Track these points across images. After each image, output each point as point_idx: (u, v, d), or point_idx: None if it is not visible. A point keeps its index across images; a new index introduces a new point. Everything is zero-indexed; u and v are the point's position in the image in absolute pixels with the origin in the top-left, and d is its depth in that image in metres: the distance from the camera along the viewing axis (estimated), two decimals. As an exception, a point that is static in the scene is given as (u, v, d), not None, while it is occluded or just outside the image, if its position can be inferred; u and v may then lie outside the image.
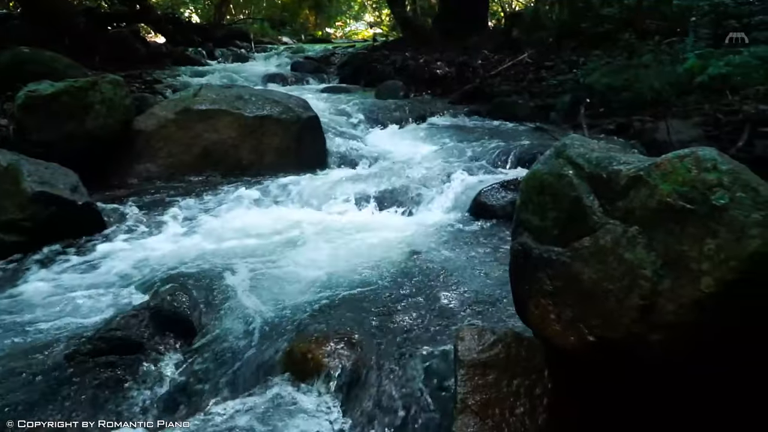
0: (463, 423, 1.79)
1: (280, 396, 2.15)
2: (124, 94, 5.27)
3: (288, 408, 2.09)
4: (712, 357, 1.62)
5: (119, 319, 2.55)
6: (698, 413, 1.75)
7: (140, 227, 3.94)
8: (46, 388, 2.26)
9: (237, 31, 18.65)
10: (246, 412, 2.08)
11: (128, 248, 3.59)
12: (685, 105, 5.94)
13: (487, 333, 2.01)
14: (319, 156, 5.63)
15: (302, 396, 2.15)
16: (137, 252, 3.52)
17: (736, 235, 1.46)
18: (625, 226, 1.68)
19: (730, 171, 1.52)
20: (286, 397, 2.14)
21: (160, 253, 3.48)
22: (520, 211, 2.04)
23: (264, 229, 3.74)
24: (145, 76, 9.43)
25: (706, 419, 1.75)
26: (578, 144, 1.95)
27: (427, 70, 10.02)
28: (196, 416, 2.11)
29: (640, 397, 1.79)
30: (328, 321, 2.58)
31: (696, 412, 1.75)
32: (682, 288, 1.52)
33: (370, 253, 3.36)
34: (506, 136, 6.05)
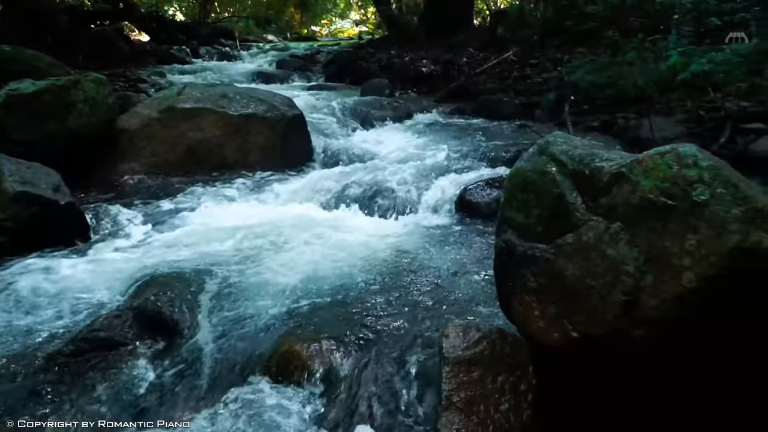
0: (448, 420, 1.79)
1: (262, 397, 2.13)
2: (107, 92, 5.21)
3: (271, 409, 2.07)
4: (695, 353, 1.64)
5: (102, 319, 2.52)
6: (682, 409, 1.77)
7: (124, 227, 3.90)
8: (28, 389, 2.23)
9: (222, 30, 18.55)
10: (228, 412, 2.06)
11: (111, 248, 3.55)
12: (668, 102, 5.98)
13: (471, 330, 2.01)
14: (304, 154, 5.62)
15: (285, 397, 2.14)
16: (121, 252, 3.49)
17: (716, 231, 1.47)
18: (607, 223, 1.69)
19: (711, 167, 1.54)
20: (268, 397, 2.13)
21: (144, 253, 3.45)
22: (504, 208, 2.05)
23: (248, 228, 3.71)
24: (129, 75, 9.36)
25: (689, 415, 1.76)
26: (561, 141, 1.96)
27: (412, 68, 10.04)
28: (179, 417, 2.10)
29: (624, 394, 1.80)
30: (311, 321, 2.57)
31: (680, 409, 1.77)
32: (664, 283, 1.54)
33: (354, 252, 3.35)
34: (491, 134, 6.07)
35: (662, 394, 1.76)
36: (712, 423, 1.74)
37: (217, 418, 2.04)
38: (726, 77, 5.49)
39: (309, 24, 29.68)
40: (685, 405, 1.76)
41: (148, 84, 8.81)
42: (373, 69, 10.45)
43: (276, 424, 2.00)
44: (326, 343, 2.35)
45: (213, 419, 2.04)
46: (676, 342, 1.59)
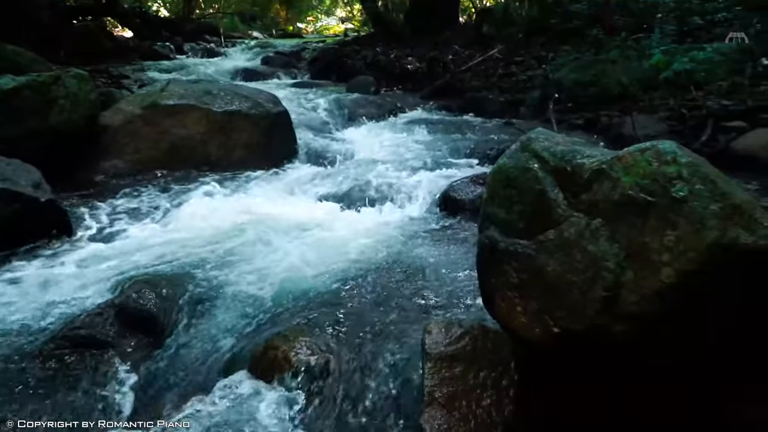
0: (430, 416, 1.79)
1: (245, 394, 2.13)
2: (89, 88, 5.16)
3: (254, 406, 2.07)
4: (674, 348, 1.65)
5: (83, 317, 2.51)
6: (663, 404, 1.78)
7: (106, 225, 3.87)
8: (6, 388, 2.20)
9: (206, 26, 18.44)
10: (210, 410, 2.05)
11: (94, 246, 3.52)
12: (651, 100, 6.03)
13: (454, 326, 2.02)
14: (289, 152, 5.60)
15: (267, 394, 2.13)
16: (103, 250, 3.46)
17: (695, 227, 1.48)
18: (588, 219, 1.70)
19: (690, 164, 1.55)
20: (251, 395, 2.12)
21: (127, 251, 3.42)
22: (487, 204, 2.05)
23: (232, 225, 3.70)
24: (112, 71, 9.28)
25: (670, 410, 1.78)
26: (543, 138, 1.97)
27: (398, 65, 10.04)
28: (160, 415, 2.09)
29: (606, 389, 1.82)
30: (295, 318, 2.57)
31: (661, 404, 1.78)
32: (644, 279, 1.55)
33: (338, 248, 3.35)
34: (476, 131, 6.09)
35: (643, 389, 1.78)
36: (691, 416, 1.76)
37: (199, 416, 2.02)
38: (708, 76, 5.55)
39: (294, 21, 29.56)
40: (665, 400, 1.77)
41: (131, 80, 8.74)
42: (358, 66, 10.44)
43: (258, 421, 1.99)
44: (309, 340, 2.34)
45: (194, 417, 2.03)
46: (656, 337, 1.61)
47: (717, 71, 5.52)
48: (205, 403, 2.09)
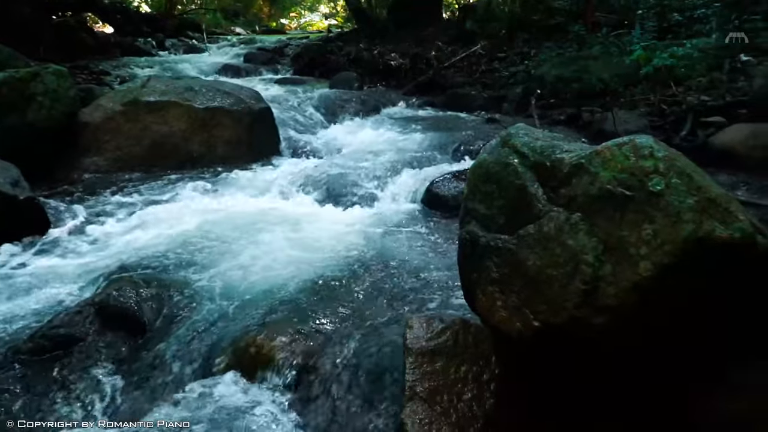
0: (411, 410, 1.80)
1: (227, 390, 2.12)
2: (68, 85, 5.11)
3: (235, 402, 2.06)
4: (653, 339, 1.67)
5: (62, 315, 2.49)
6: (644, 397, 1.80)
7: (87, 223, 3.84)
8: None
9: (189, 22, 18.28)
10: (192, 407, 2.04)
11: (73, 244, 3.50)
12: (632, 96, 6.09)
13: (435, 321, 2.03)
14: (272, 148, 5.58)
15: (249, 390, 2.13)
16: (83, 248, 3.44)
17: (671, 220, 1.50)
18: (567, 213, 1.71)
19: (666, 158, 1.57)
20: (233, 391, 2.12)
21: (107, 249, 3.40)
22: (468, 200, 2.06)
23: (214, 222, 3.68)
24: (92, 67, 9.17)
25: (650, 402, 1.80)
26: (523, 133, 1.98)
27: (381, 61, 10.02)
28: (141, 412, 2.08)
29: (586, 382, 1.83)
30: (278, 313, 2.56)
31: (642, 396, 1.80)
32: (622, 272, 1.56)
33: (322, 245, 3.34)
34: (459, 127, 6.10)
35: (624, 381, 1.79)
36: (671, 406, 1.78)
37: (181, 413, 2.02)
38: (687, 71, 5.60)
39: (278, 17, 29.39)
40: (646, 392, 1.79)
41: (112, 77, 8.65)
42: (341, 62, 10.42)
43: (240, 416, 1.99)
44: (290, 336, 2.34)
45: (176, 414, 2.02)
46: (635, 329, 1.62)
47: (696, 67, 5.58)
48: (186, 400, 2.08)
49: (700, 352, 1.70)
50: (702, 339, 1.66)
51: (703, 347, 1.69)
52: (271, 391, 2.14)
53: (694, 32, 6.62)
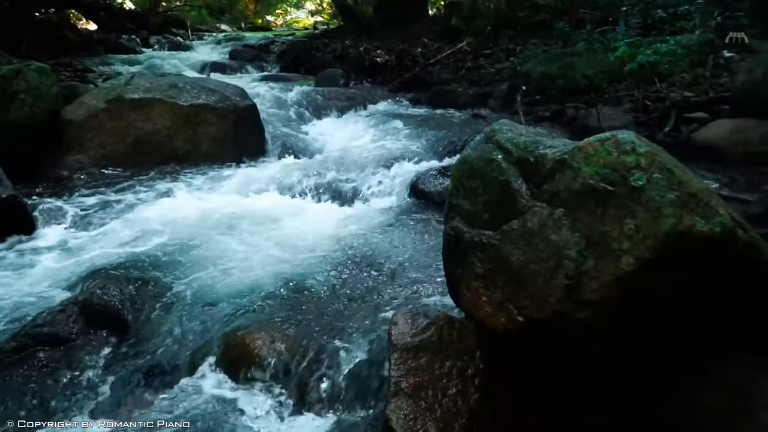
0: (396, 406, 1.80)
1: (211, 388, 2.12)
2: (51, 82, 5.06)
3: (222, 400, 2.06)
4: (636, 334, 1.68)
5: (45, 314, 2.47)
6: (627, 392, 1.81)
7: (70, 221, 3.80)
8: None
9: (174, 19, 18.15)
10: (176, 405, 2.04)
11: (57, 243, 3.46)
12: (616, 92, 6.12)
13: (420, 317, 2.03)
14: (257, 145, 5.55)
15: (236, 387, 2.13)
16: (66, 247, 3.41)
17: (652, 215, 1.51)
18: (551, 209, 1.72)
19: (647, 153, 1.58)
20: (219, 388, 2.12)
21: (91, 247, 3.37)
22: (452, 195, 2.07)
23: (199, 219, 3.67)
24: (76, 65, 9.08)
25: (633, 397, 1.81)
26: (507, 129, 1.98)
27: (367, 58, 10.00)
28: (125, 410, 2.07)
29: (571, 377, 1.84)
30: (261, 311, 2.56)
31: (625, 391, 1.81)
32: (605, 267, 1.57)
33: (307, 242, 3.34)
34: (445, 124, 6.11)
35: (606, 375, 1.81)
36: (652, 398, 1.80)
37: (165, 411, 2.01)
38: (671, 68, 5.63)
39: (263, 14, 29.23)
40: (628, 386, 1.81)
41: (95, 74, 8.57)
42: (327, 59, 10.39)
43: (224, 414, 1.98)
44: (275, 334, 2.34)
45: (160, 412, 2.01)
46: (617, 324, 1.64)
47: (680, 63, 5.61)
48: (170, 398, 2.07)
49: (682, 347, 1.72)
50: (684, 333, 1.68)
51: (685, 342, 1.70)
52: (255, 388, 2.13)
53: (678, 29, 6.66)
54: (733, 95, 4.80)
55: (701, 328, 1.69)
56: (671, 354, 1.72)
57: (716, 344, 1.74)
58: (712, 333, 1.72)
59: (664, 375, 1.75)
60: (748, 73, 4.63)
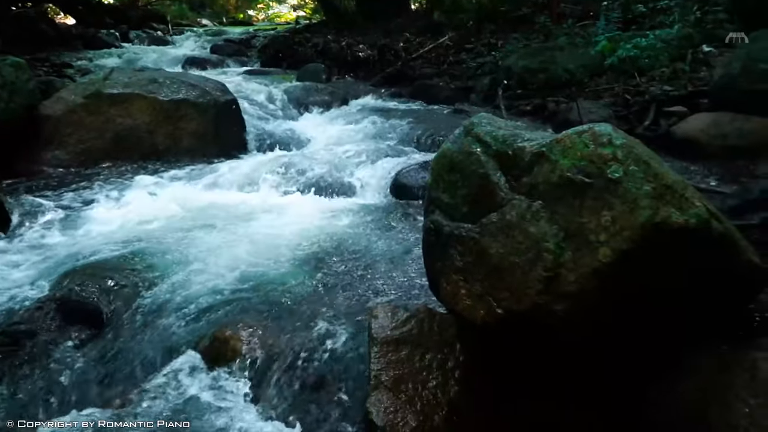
0: (376, 399, 1.81)
1: (191, 383, 2.11)
2: (27, 77, 5.01)
3: (201, 394, 2.05)
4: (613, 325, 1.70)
5: (22, 312, 2.44)
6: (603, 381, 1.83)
7: (47, 217, 3.75)
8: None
9: (153, 13, 17.93)
10: (156, 400, 2.03)
11: (34, 239, 3.42)
12: (596, 86, 6.15)
13: (400, 310, 2.03)
14: (238, 140, 5.52)
15: (214, 382, 2.12)
16: (44, 243, 3.37)
17: (629, 207, 1.53)
18: (529, 201, 1.73)
19: (624, 145, 1.59)
20: (197, 383, 2.11)
21: (69, 243, 3.34)
22: (432, 189, 2.07)
23: (178, 215, 3.64)
24: (54, 60, 8.94)
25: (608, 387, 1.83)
26: (486, 122, 1.99)
27: (349, 52, 9.98)
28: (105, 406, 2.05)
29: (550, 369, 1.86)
30: (242, 306, 2.55)
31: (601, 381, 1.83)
32: (582, 259, 1.59)
33: (288, 236, 3.33)
34: (427, 118, 6.11)
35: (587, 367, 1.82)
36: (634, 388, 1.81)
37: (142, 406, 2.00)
38: (651, 62, 5.68)
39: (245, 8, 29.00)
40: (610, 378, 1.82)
41: (73, 69, 8.45)
42: (309, 54, 10.34)
43: (201, 408, 1.98)
44: (255, 328, 2.33)
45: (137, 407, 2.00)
46: (595, 315, 1.65)
47: (659, 58, 5.66)
48: (149, 394, 2.06)
49: (659, 337, 1.74)
50: (660, 324, 1.69)
51: (661, 332, 1.72)
52: (236, 383, 2.13)
53: (658, 23, 6.71)
54: (711, 89, 4.84)
55: (677, 318, 1.71)
56: (648, 344, 1.74)
57: (692, 334, 1.76)
58: (688, 323, 1.74)
59: (641, 366, 1.77)
60: (725, 67, 4.67)
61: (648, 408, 1.75)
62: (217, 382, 2.12)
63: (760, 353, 1.63)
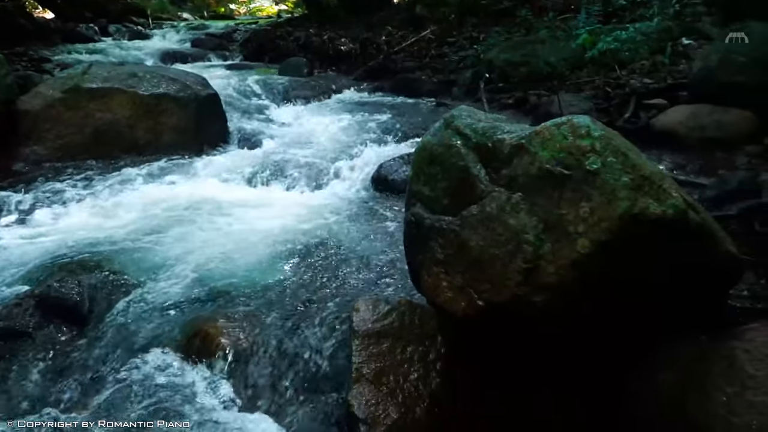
0: (358, 391, 1.81)
1: (173, 377, 2.10)
2: (4, 72, 4.94)
3: (181, 389, 2.04)
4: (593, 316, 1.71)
5: (0, 308, 2.41)
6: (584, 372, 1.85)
7: (26, 213, 3.71)
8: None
9: (133, 7, 17.70)
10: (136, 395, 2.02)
11: (12, 235, 3.38)
12: (577, 79, 6.18)
13: (381, 303, 2.04)
14: (220, 135, 5.48)
15: (196, 376, 2.12)
16: (22, 239, 3.33)
17: (607, 198, 1.54)
18: (509, 193, 1.73)
19: (602, 137, 1.60)
20: (179, 378, 2.10)
21: (48, 240, 3.30)
22: (413, 182, 2.07)
23: (160, 210, 3.61)
24: (32, 54, 8.83)
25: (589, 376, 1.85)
26: (466, 114, 1.99)
27: (331, 46, 9.94)
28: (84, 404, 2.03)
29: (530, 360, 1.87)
30: (224, 300, 2.54)
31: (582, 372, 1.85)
32: (561, 250, 1.60)
33: (270, 231, 3.31)
34: (409, 112, 6.11)
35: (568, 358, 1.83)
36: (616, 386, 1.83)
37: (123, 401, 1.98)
38: (631, 55, 5.71)
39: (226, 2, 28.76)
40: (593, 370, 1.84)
41: (52, 64, 8.35)
42: (291, 48, 10.28)
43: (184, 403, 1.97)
44: (237, 322, 2.33)
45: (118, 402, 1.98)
46: (574, 306, 1.66)
47: (639, 50, 5.69)
48: (129, 389, 2.04)
49: (638, 327, 1.75)
50: (639, 313, 1.71)
51: (640, 321, 1.74)
52: (218, 378, 2.12)
53: (638, 16, 6.75)
54: (690, 82, 4.88)
55: (656, 308, 1.73)
56: (627, 335, 1.76)
57: (671, 324, 1.77)
58: (667, 313, 1.75)
59: (621, 356, 1.79)
60: (704, 60, 4.71)
61: (628, 398, 1.77)
62: (198, 377, 2.12)
63: (737, 342, 1.65)
